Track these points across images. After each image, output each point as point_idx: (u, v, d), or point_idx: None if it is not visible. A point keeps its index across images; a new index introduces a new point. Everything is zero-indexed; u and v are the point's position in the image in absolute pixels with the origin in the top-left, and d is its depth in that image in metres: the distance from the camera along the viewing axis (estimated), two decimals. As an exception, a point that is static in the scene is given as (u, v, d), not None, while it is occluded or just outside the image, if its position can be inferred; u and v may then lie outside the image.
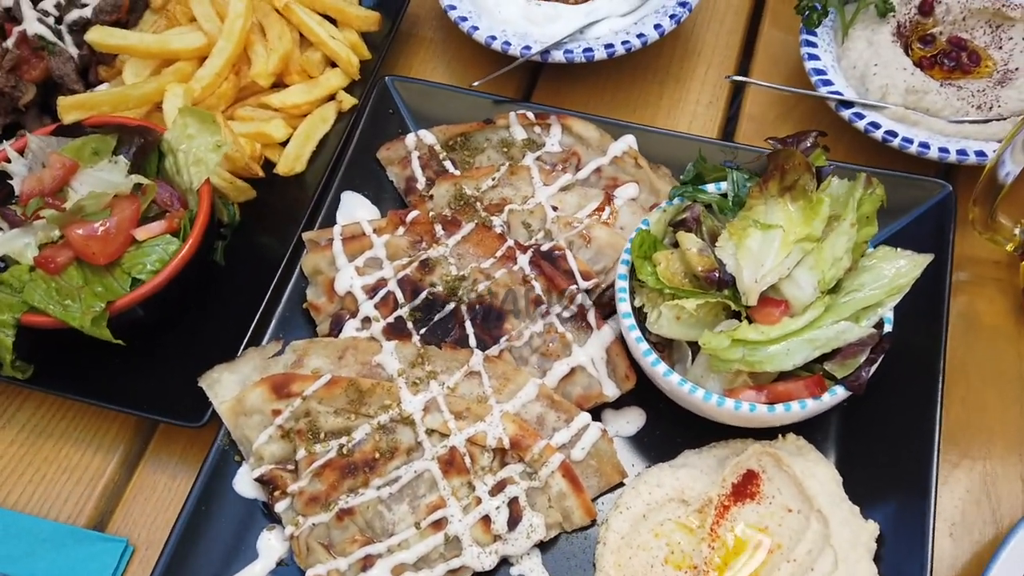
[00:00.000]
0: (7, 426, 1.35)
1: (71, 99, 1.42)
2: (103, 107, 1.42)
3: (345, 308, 1.33)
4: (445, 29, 1.74)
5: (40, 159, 1.31)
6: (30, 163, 1.31)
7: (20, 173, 1.30)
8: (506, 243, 1.34)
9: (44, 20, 1.53)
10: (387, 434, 1.21)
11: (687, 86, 1.69)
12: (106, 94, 1.43)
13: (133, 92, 1.44)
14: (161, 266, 1.26)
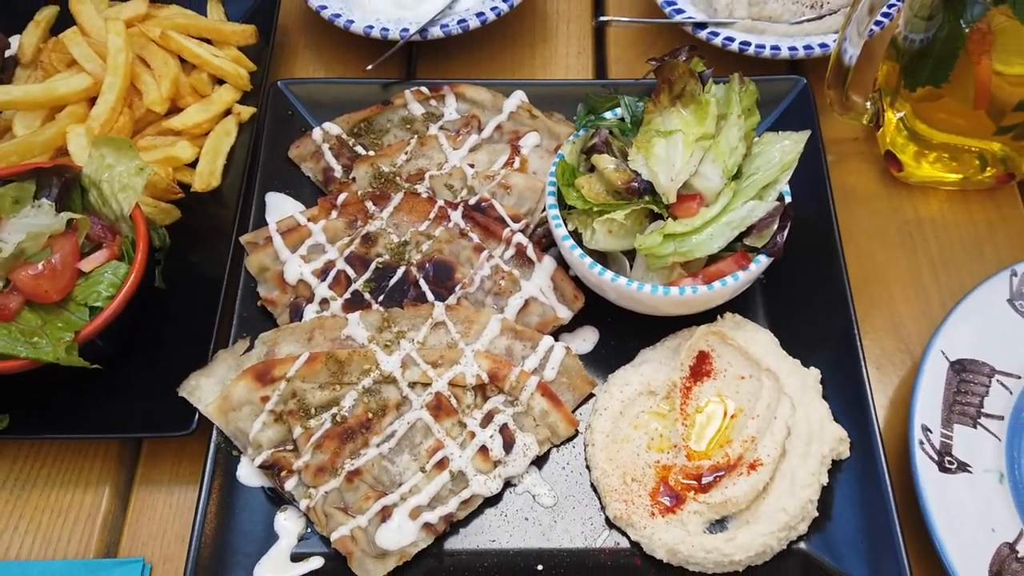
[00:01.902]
0: (-15, 487, 1.37)
1: (-21, 154, 1.46)
2: (11, 158, 1.47)
3: (300, 296, 1.43)
4: (317, 31, 1.86)
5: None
6: (-47, 223, 1.35)
7: (-57, 234, 1.34)
8: (436, 205, 1.48)
9: (-82, 89, 1.56)
10: (373, 396, 1.33)
11: (554, 43, 1.88)
12: (11, 145, 1.48)
13: (36, 139, 1.50)
14: (115, 290, 1.32)
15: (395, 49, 1.68)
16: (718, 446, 1.35)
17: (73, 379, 1.35)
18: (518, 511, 1.32)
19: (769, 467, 1.30)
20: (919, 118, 1.59)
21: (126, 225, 1.40)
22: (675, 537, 1.26)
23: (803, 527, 1.28)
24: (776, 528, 1.25)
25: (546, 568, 1.27)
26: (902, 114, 1.61)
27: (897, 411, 1.43)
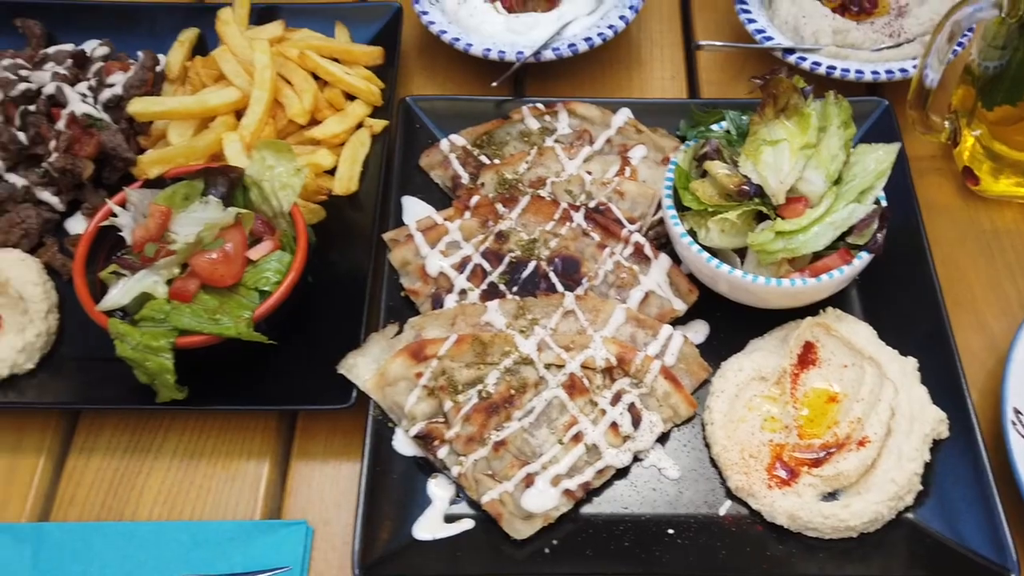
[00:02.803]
0: (159, 455, 1.51)
1: (151, 155, 1.63)
2: (177, 160, 1.64)
3: (440, 287, 1.58)
4: (432, 52, 2.04)
5: (141, 210, 1.51)
6: (134, 215, 1.51)
7: (128, 225, 1.50)
8: (560, 207, 1.64)
9: (86, 100, 1.73)
10: (514, 375, 1.48)
11: (650, 66, 2.06)
12: (178, 149, 1.65)
13: (198, 144, 1.67)
14: (281, 276, 1.48)
15: (515, 68, 1.85)
16: (826, 427, 1.49)
17: (234, 357, 1.50)
18: (646, 482, 1.46)
19: (876, 444, 1.44)
20: (995, 138, 1.75)
21: (284, 221, 1.56)
22: (795, 504, 1.40)
23: (910, 498, 1.41)
24: (886, 497, 1.39)
25: (676, 532, 1.41)
26: (978, 132, 1.77)
27: (987, 398, 1.57)
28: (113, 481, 1.50)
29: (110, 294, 1.45)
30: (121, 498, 1.48)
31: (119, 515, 1.47)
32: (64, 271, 1.64)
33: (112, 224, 1.51)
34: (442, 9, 1.98)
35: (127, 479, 1.50)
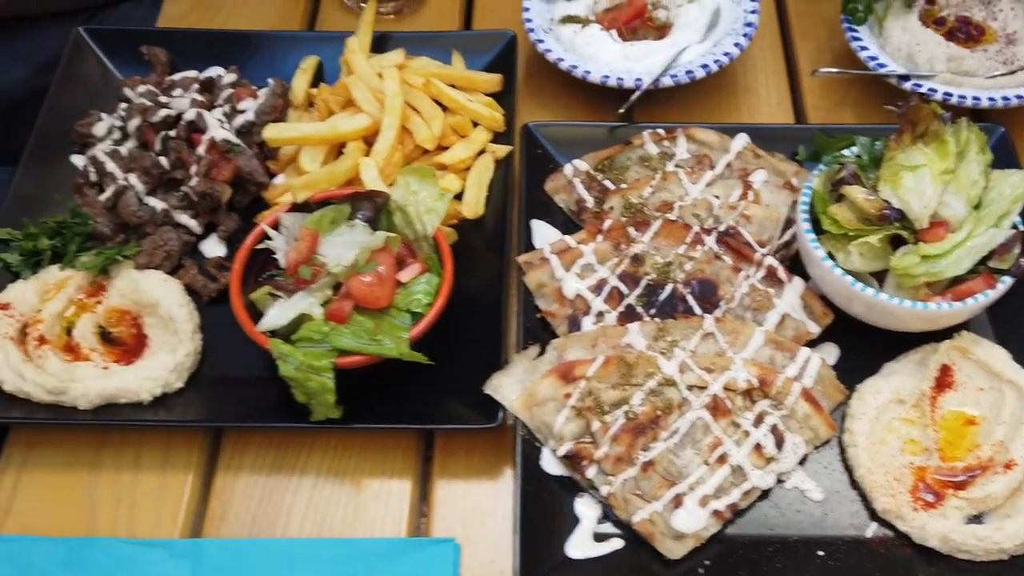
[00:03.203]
0: (304, 473, 1.54)
1: (300, 180, 1.68)
2: (321, 184, 1.68)
3: (577, 309, 1.61)
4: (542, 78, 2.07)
5: (293, 233, 1.56)
6: (286, 238, 1.56)
7: (281, 248, 1.54)
8: (692, 231, 1.67)
9: (223, 126, 1.79)
10: (658, 396, 1.50)
11: (756, 92, 2.09)
12: (322, 174, 1.69)
13: (338, 170, 1.71)
14: (431, 298, 1.52)
15: (639, 94, 1.88)
16: (967, 449, 1.51)
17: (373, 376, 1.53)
18: (789, 504, 1.48)
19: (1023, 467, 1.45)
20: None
21: (427, 244, 1.60)
22: (946, 527, 1.41)
23: (1061, 521, 1.42)
24: (1038, 519, 1.40)
25: (827, 555, 1.42)
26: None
27: (1124, 422, 1.57)
28: (262, 498, 1.53)
29: (268, 315, 1.49)
30: (271, 515, 1.51)
31: (270, 532, 1.49)
32: (205, 292, 1.68)
33: (266, 247, 1.55)
34: (556, 37, 2.02)
35: (275, 496, 1.53)
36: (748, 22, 2.00)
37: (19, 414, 1.54)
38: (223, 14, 2.23)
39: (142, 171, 1.73)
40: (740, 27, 2.00)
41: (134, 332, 1.63)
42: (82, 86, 1.99)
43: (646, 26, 2.08)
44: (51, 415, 1.53)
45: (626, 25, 2.06)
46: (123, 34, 2.08)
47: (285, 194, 1.80)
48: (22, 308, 1.61)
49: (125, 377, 1.53)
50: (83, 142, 1.87)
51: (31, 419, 1.53)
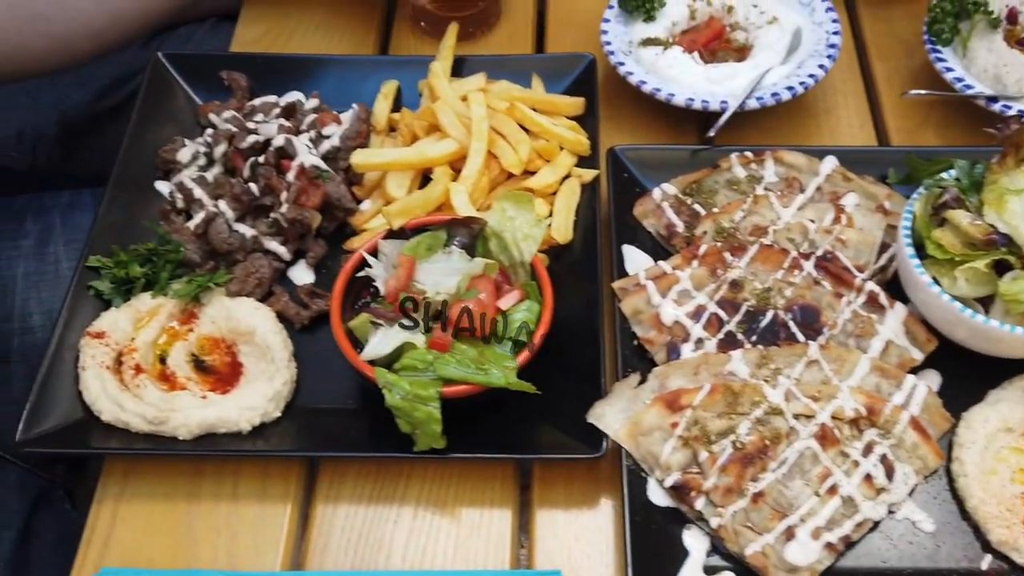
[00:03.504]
0: (404, 503, 1.53)
1: (395, 207, 1.67)
2: (415, 211, 1.68)
3: (675, 336, 1.59)
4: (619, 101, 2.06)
5: (391, 260, 1.55)
6: (385, 265, 1.55)
7: (381, 275, 1.54)
8: (789, 256, 1.65)
9: (311, 152, 1.78)
10: (764, 425, 1.48)
11: (836, 114, 2.07)
12: (416, 199, 1.68)
13: (431, 195, 1.70)
14: (533, 325, 1.51)
15: (727, 117, 1.87)
16: (1081, 479, 1.48)
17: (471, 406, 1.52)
18: (901, 535, 1.45)
19: None
20: None
21: (523, 270, 1.59)
22: (1067, 559, 1.38)
23: None
24: None
25: (943, 587, 1.40)
26: None
27: None
28: (362, 530, 1.51)
29: (371, 344, 1.48)
30: (372, 546, 1.50)
31: (373, 563, 1.48)
32: (297, 320, 1.67)
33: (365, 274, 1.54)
34: (636, 60, 2.01)
35: (376, 527, 1.51)
36: (831, 43, 1.98)
37: (117, 444, 1.53)
38: (296, 38, 2.23)
39: (232, 198, 1.73)
40: (823, 48, 1.99)
41: (228, 360, 1.62)
42: (162, 112, 1.99)
43: (725, 48, 2.07)
44: (150, 445, 1.52)
45: (705, 47, 2.05)
46: (202, 59, 2.08)
47: (372, 220, 1.80)
48: (116, 337, 1.61)
49: (225, 407, 1.52)
50: (167, 168, 1.87)
51: (132, 450, 1.52)
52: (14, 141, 2.54)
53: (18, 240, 2.20)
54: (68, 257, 2.18)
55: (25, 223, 2.23)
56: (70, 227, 2.23)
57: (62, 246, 2.20)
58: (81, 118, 2.52)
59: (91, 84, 2.51)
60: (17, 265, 2.16)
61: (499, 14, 2.23)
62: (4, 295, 2.13)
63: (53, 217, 2.25)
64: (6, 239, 2.19)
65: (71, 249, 2.18)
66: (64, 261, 2.18)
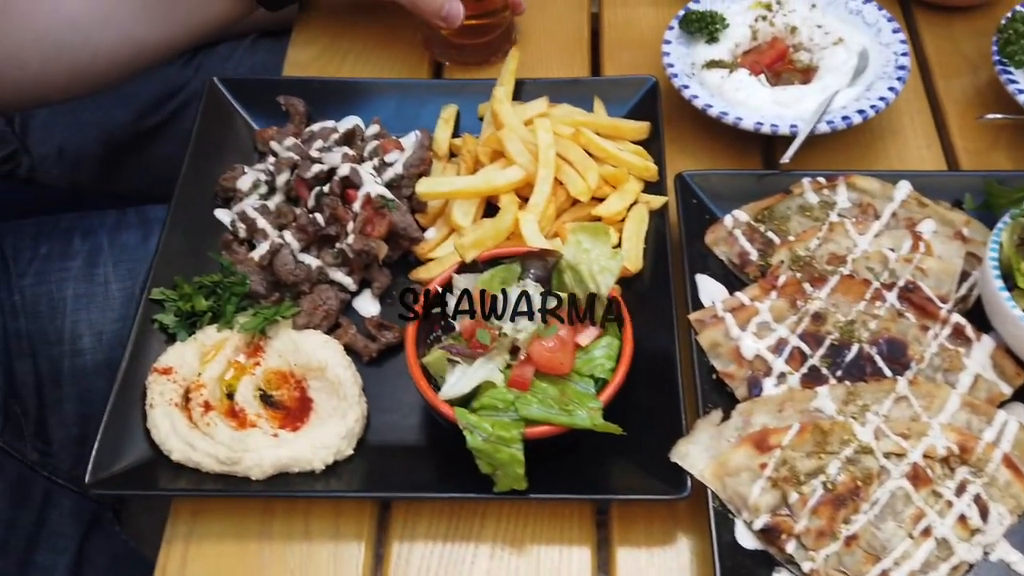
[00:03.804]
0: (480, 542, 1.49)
1: (467, 239, 1.64)
2: (488, 243, 1.64)
3: (756, 370, 1.55)
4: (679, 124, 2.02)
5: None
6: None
7: (457, 312, 1.50)
8: (871, 286, 1.60)
9: (377, 181, 1.75)
10: (855, 465, 1.44)
11: (903, 135, 2.03)
12: (487, 231, 1.65)
13: (501, 226, 1.67)
14: (614, 362, 1.47)
15: (801, 141, 1.83)
16: None
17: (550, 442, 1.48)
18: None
19: None
20: None
21: (598, 304, 1.55)
22: None
23: None
24: None
25: (1045, 633, 1.35)
26: None
27: None
28: (438, 570, 1.48)
29: (449, 383, 1.44)
30: (451, 587, 1.46)
31: (452, 606, 1.45)
32: (366, 353, 1.64)
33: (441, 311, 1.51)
34: (701, 82, 1.98)
35: (453, 567, 1.48)
36: (900, 65, 1.94)
37: (186, 483, 1.50)
38: (350, 59, 2.20)
39: (298, 229, 1.70)
40: (891, 70, 1.95)
41: (297, 396, 1.58)
42: (219, 137, 1.96)
43: (788, 69, 2.03)
44: (221, 485, 1.49)
45: (768, 68, 2.01)
46: (257, 83, 2.05)
47: (437, 248, 1.76)
48: (183, 372, 1.58)
49: (298, 446, 1.49)
50: (227, 196, 1.84)
51: (205, 491, 1.49)
52: (55, 158, 2.53)
53: (66, 261, 2.18)
54: (118, 278, 2.16)
55: (72, 243, 2.22)
56: (118, 248, 2.21)
57: (111, 267, 2.18)
58: (124, 137, 2.50)
59: (133, 102, 2.50)
60: (67, 287, 2.15)
61: (513, 42, 2.19)
62: (54, 317, 2.12)
63: (100, 237, 2.23)
64: (54, 260, 2.18)
65: (120, 270, 2.17)
66: (114, 282, 2.16)
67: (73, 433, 2.08)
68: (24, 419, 2.02)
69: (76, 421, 2.09)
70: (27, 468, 1.97)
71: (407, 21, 2.15)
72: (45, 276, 2.16)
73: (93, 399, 2.10)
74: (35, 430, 2.03)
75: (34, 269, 2.17)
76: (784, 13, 2.05)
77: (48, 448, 2.04)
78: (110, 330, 2.12)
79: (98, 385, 2.10)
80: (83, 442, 2.07)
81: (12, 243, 2.22)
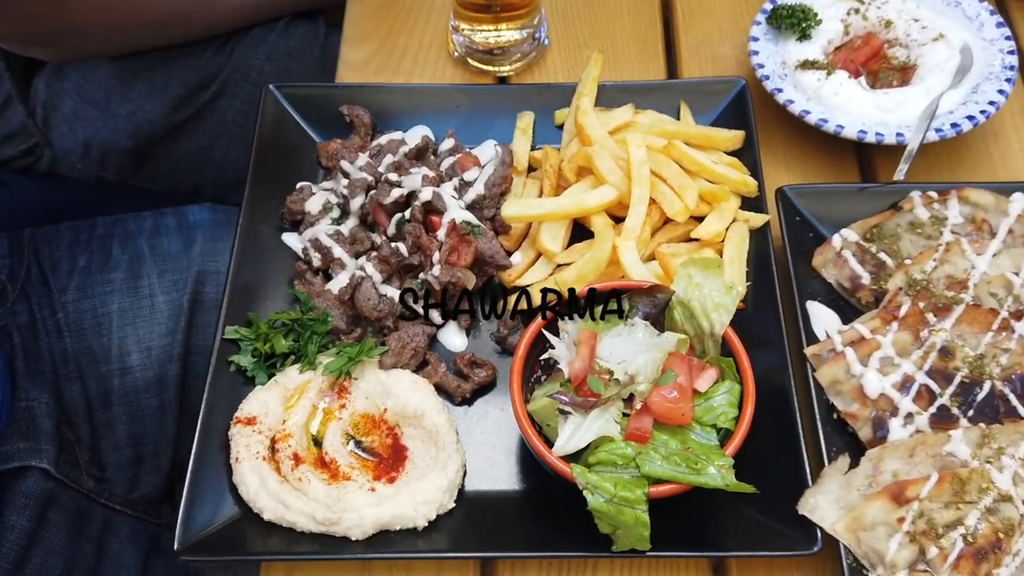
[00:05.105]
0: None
1: (569, 274, 1.55)
2: (588, 276, 1.56)
3: (881, 410, 1.48)
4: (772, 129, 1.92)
5: (573, 337, 1.43)
6: (567, 343, 1.43)
7: (564, 356, 1.42)
8: (999, 317, 1.52)
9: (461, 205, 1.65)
10: (994, 514, 1.37)
11: (1006, 136, 1.93)
12: (588, 263, 1.57)
13: (600, 256, 1.58)
14: (736, 409, 1.39)
15: (913, 156, 1.73)
16: None
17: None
18: None
19: None
20: None
21: (712, 344, 1.47)
22: None
23: None
24: None
25: None
26: None
27: None
28: (551, 628, 1.42)
29: (563, 437, 1.36)
30: (566, 647, 1.40)
31: (567, 668, 1.39)
32: (458, 393, 1.56)
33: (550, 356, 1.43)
34: (795, 85, 1.87)
35: (565, 625, 1.42)
36: (1008, 64, 1.84)
37: (279, 543, 1.43)
38: (408, 57, 2.09)
39: (380, 260, 1.61)
40: (997, 69, 1.85)
41: (390, 443, 1.51)
42: (279, 150, 1.85)
43: (884, 67, 1.92)
44: (317, 545, 1.42)
45: (864, 66, 1.91)
46: (314, 91, 1.95)
47: (524, 275, 1.67)
48: (268, 421, 1.50)
49: (399, 502, 1.41)
50: (295, 219, 1.75)
51: (305, 555, 1.42)
52: (80, 153, 2.43)
53: (108, 272, 2.10)
54: (163, 290, 2.09)
55: (112, 253, 2.13)
56: (160, 256, 2.13)
57: (156, 278, 2.10)
58: (155, 130, 2.40)
59: (165, 94, 2.39)
60: (111, 302, 2.07)
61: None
62: (100, 334, 2.04)
63: (140, 244, 2.15)
64: (95, 272, 2.09)
65: (165, 282, 2.09)
66: (160, 295, 2.09)
67: (126, 455, 2.02)
68: (78, 446, 1.95)
69: (129, 443, 2.03)
70: (84, 497, 1.91)
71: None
72: (87, 291, 2.08)
73: (144, 418, 2.03)
74: (89, 456, 1.96)
75: (75, 283, 2.08)
76: (878, 6, 1.94)
77: (103, 474, 1.97)
78: (158, 345, 2.05)
79: (149, 403, 2.03)
80: (137, 464, 2.02)
81: (48, 253, 2.13)
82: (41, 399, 1.90)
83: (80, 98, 2.36)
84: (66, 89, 2.34)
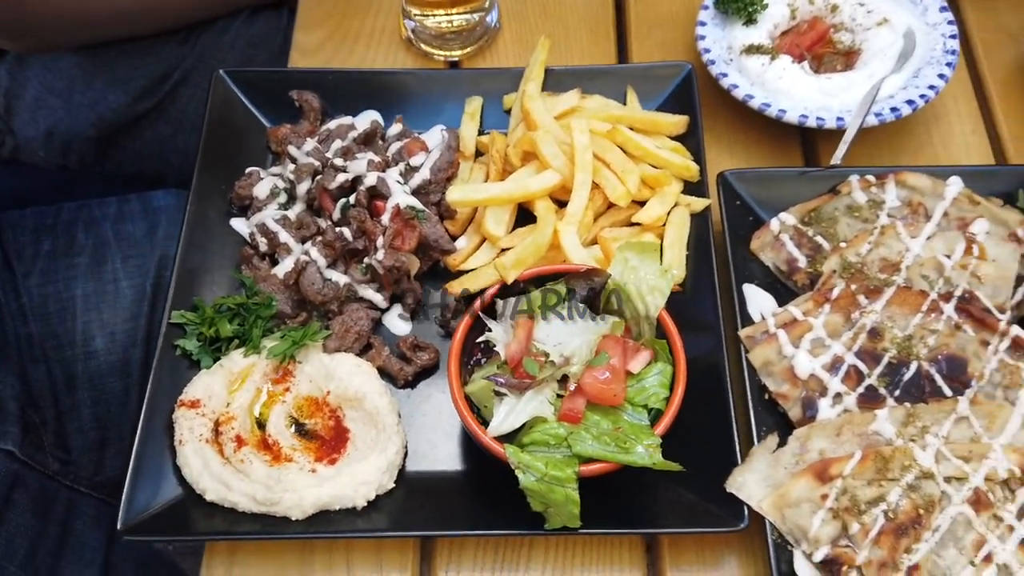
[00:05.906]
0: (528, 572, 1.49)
1: (508, 258, 1.59)
2: (528, 260, 1.60)
3: (811, 390, 1.53)
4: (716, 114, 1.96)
5: (510, 322, 1.48)
6: (504, 327, 1.47)
7: (502, 339, 1.46)
8: (928, 298, 1.58)
9: (406, 190, 1.69)
10: (916, 491, 1.43)
11: (947, 120, 1.98)
12: (528, 247, 1.61)
13: (541, 240, 1.62)
14: (667, 390, 1.44)
15: (850, 140, 1.78)
16: None
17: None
18: (1060, 603, 1.41)
19: None
20: None
21: (648, 326, 1.51)
22: None
23: None
24: None
25: (1112, 663, 1.36)
26: None
27: None
28: (487, 604, 1.47)
29: (498, 418, 1.41)
30: (500, 622, 1.46)
31: (505, 643, 1.44)
32: (401, 376, 1.61)
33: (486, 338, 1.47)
34: (739, 69, 1.91)
35: (502, 600, 1.47)
36: (949, 48, 1.89)
37: (222, 522, 1.48)
38: (361, 42, 2.12)
39: (324, 244, 1.64)
40: (939, 54, 1.89)
41: (332, 425, 1.55)
42: (228, 135, 1.88)
43: (828, 51, 1.96)
44: (258, 525, 1.47)
45: (809, 51, 1.95)
46: (266, 76, 1.97)
47: (469, 259, 1.72)
48: (212, 404, 1.54)
49: (339, 483, 1.46)
50: (243, 204, 1.78)
51: (243, 535, 1.47)
52: (43, 141, 2.45)
53: (72, 257, 2.13)
54: (127, 275, 2.12)
55: (76, 237, 2.16)
56: (124, 240, 2.16)
57: (119, 263, 2.13)
58: (119, 119, 2.42)
59: (129, 84, 2.41)
60: (75, 286, 2.10)
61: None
62: (64, 319, 2.07)
63: (104, 229, 2.18)
64: (59, 257, 2.12)
65: (129, 267, 2.12)
66: (123, 280, 2.12)
67: (91, 438, 2.06)
68: (43, 428, 1.99)
69: (94, 425, 2.07)
70: (49, 479, 1.95)
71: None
72: (51, 275, 2.11)
73: (109, 401, 2.07)
74: (54, 439, 2.00)
75: (39, 268, 2.12)
76: (824, -10, 1.98)
77: (68, 456, 2.01)
78: (122, 330, 2.08)
79: (113, 387, 2.07)
80: (102, 446, 2.06)
81: (12, 238, 2.16)
82: (6, 382, 1.94)
83: (43, 87, 2.38)
84: (29, 78, 2.35)
